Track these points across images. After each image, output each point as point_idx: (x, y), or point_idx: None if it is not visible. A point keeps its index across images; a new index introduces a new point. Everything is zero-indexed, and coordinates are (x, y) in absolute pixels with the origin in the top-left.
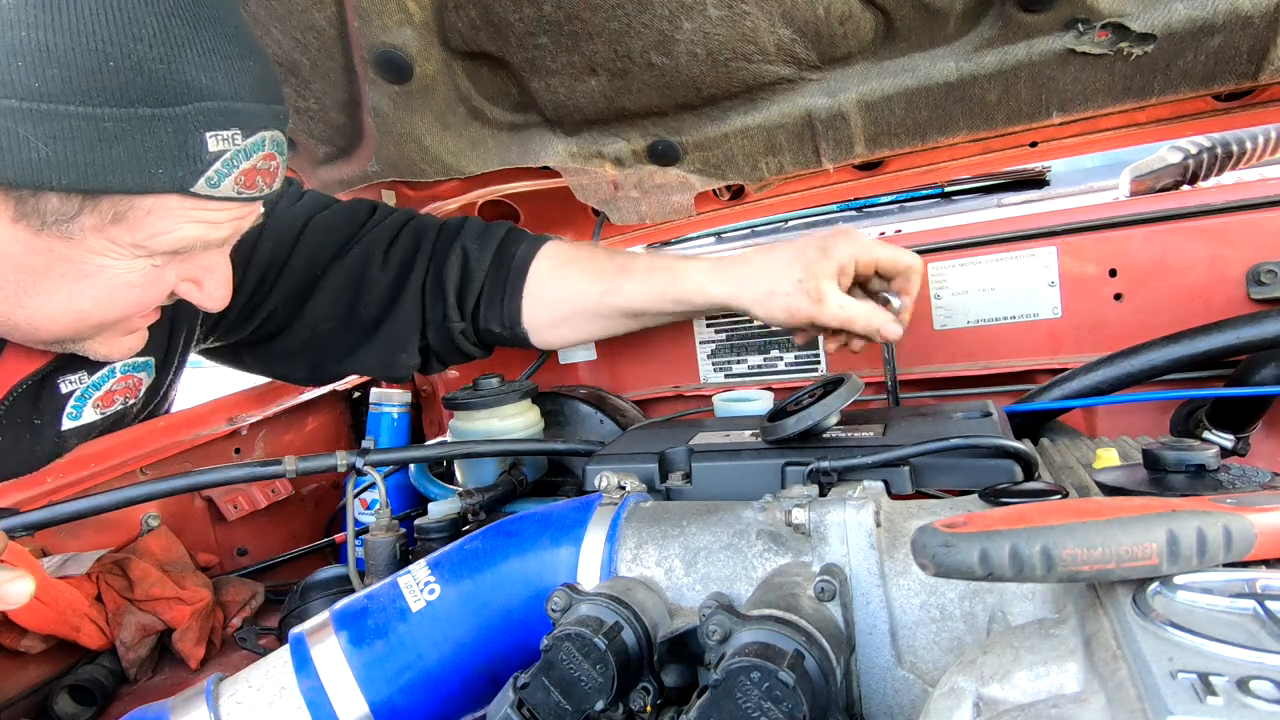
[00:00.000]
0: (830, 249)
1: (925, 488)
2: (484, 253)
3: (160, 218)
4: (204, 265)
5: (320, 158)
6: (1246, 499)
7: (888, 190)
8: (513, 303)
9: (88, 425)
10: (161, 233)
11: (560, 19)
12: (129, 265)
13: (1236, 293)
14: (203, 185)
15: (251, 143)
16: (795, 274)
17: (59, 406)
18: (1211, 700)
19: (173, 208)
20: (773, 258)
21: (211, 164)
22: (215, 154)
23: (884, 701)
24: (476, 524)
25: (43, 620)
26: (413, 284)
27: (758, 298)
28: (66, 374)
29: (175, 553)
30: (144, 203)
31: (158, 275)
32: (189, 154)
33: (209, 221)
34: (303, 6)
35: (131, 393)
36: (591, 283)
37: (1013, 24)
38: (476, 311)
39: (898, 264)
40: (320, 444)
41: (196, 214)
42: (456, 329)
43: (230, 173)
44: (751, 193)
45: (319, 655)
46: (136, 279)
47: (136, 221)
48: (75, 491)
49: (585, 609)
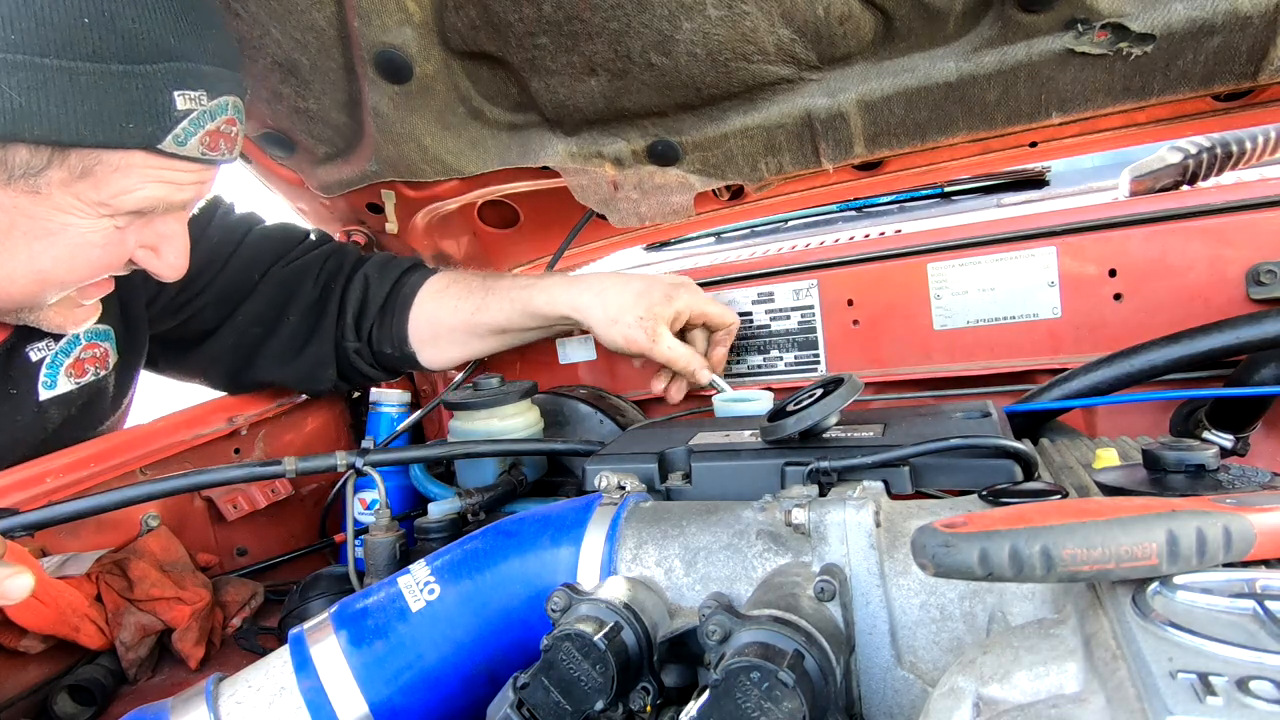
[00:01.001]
0: (673, 297)
1: (925, 488)
2: (383, 280)
3: (126, 175)
4: (162, 232)
5: (320, 158)
6: (1246, 499)
7: (887, 190)
8: (400, 323)
9: (64, 395)
10: (126, 191)
11: (560, 19)
12: (92, 225)
13: (1236, 293)
14: (170, 143)
15: (216, 104)
16: (639, 311)
17: (32, 375)
18: (1211, 700)
19: (138, 165)
20: (623, 290)
21: (179, 122)
22: (183, 112)
23: (884, 701)
24: (476, 524)
25: (42, 620)
26: (331, 304)
27: (602, 321)
28: (33, 342)
29: (175, 553)
30: (112, 158)
31: (119, 238)
32: (158, 111)
33: (173, 182)
34: (303, 6)
35: (101, 363)
36: (464, 300)
37: (1012, 24)
38: (372, 333)
39: (723, 319)
40: (320, 444)
41: (161, 173)
42: (351, 348)
43: (196, 132)
44: (751, 193)
45: (319, 655)
46: (98, 239)
47: (103, 178)
48: (75, 491)
49: (585, 609)
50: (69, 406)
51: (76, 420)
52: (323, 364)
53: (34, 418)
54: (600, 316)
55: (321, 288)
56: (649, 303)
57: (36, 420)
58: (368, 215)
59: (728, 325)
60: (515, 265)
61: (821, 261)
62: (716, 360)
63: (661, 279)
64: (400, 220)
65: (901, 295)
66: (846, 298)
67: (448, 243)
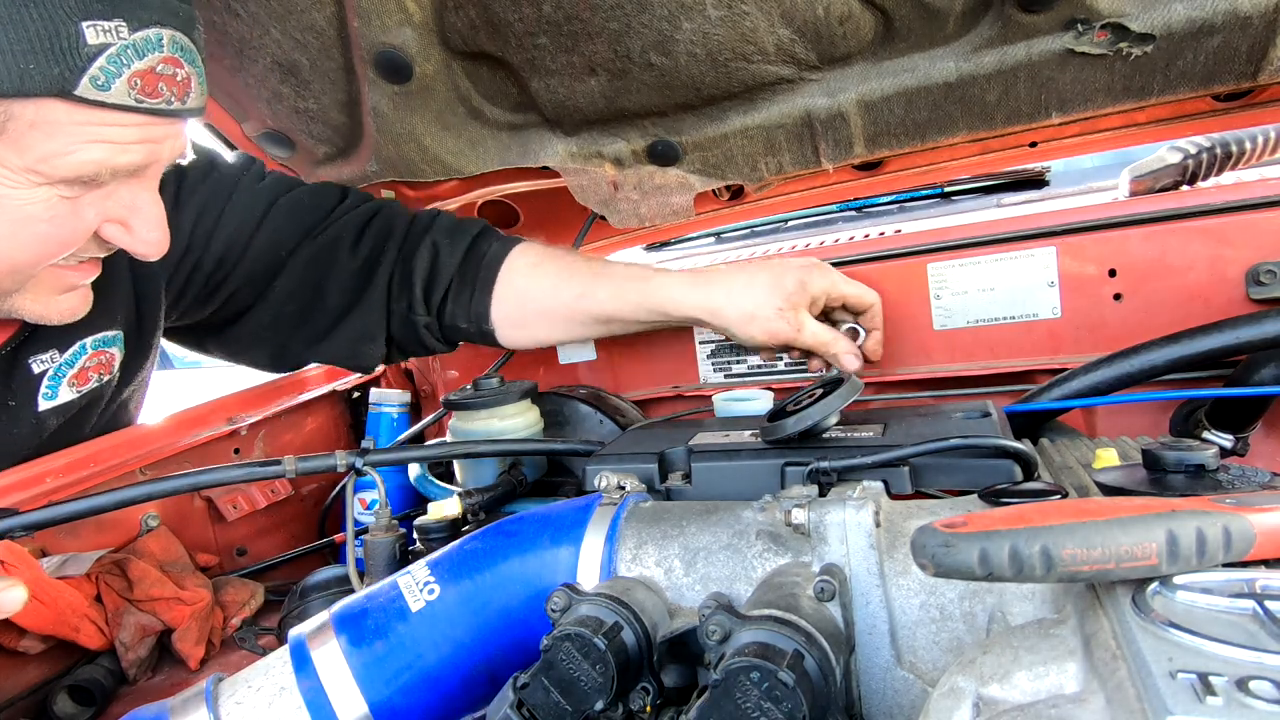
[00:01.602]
0: (808, 283)
1: (925, 488)
2: (455, 248)
3: (50, 134)
4: (128, 203)
5: (320, 158)
6: (1246, 499)
7: (887, 190)
8: (482, 299)
9: (64, 404)
10: (56, 154)
11: (560, 19)
12: (28, 195)
13: (1236, 293)
14: (87, 86)
15: (141, 38)
16: (777, 302)
17: (32, 388)
18: (1211, 700)
19: (61, 121)
20: (753, 282)
21: (93, 60)
22: (96, 47)
23: (884, 701)
24: (476, 524)
25: (42, 620)
26: (381, 273)
27: (739, 319)
28: (36, 353)
29: (175, 553)
30: (24, 110)
31: (70, 210)
32: (62, 46)
33: (110, 140)
34: (303, 6)
35: (105, 369)
36: (565, 284)
37: (1012, 24)
38: (443, 306)
39: (863, 300)
40: (319, 444)
41: (92, 129)
42: (421, 323)
43: (120, 73)
44: (751, 193)
45: (318, 656)
46: (41, 212)
47: (20, 135)
48: (75, 491)
49: (585, 609)
50: (67, 413)
51: (73, 423)
52: (367, 338)
53: (31, 427)
54: (736, 316)
55: (364, 258)
56: (785, 291)
57: (33, 429)
58: None
59: (869, 304)
60: None
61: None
62: (872, 347)
63: (790, 263)
64: None
65: (901, 295)
66: None
67: None
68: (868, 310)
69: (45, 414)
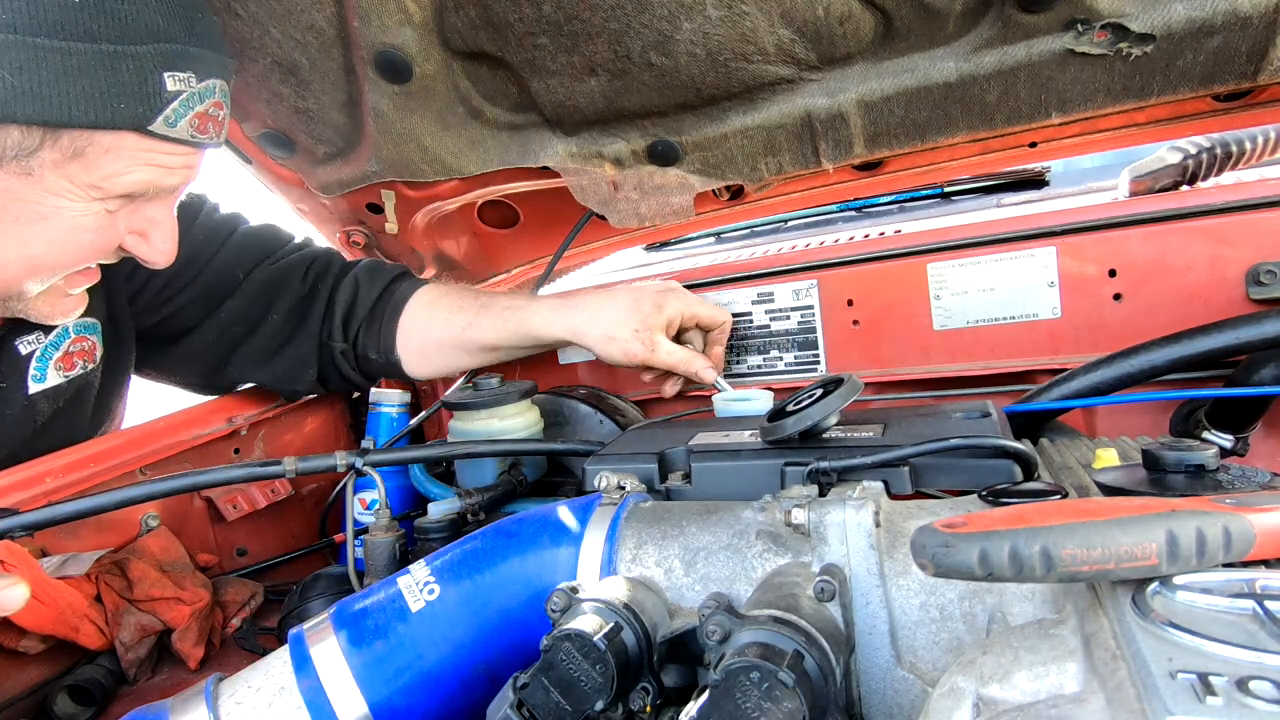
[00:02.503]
0: (663, 305)
1: (925, 488)
2: (373, 285)
3: (118, 157)
4: (151, 218)
5: (320, 158)
6: (1246, 499)
7: (887, 190)
8: (389, 331)
9: (54, 389)
10: (118, 174)
11: (560, 19)
12: (84, 208)
13: (1236, 293)
14: (161, 124)
15: (204, 87)
16: (633, 324)
17: (21, 369)
18: (1211, 700)
19: (130, 147)
20: (613, 306)
21: (169, 103)
22: (173, 94)
23: (884, 701)
24: (476, 524)
25: (42, 620)
26: (318, 304)
27: (599, 339)
28: (23, 335)
29: (175, 553)
30: (104, 139)
31: (110, 222)
32: (148, 91)
33: (163, 165)
34: (303, 6)
35: (89, 356)
36: (456, 316)
37: (1012, 24)
38: (358, 337)
39: (714, 319)
40: (319, 444)
41: (151, 155)
42: (337, 349)
43: (186, 114)
44: (751, 193)
45: (318, 655)
46: (90, 223)
47: (95, 159)
48: (75, 491)
49: (585, 609)
50: (57, 399)
51: (64, 413)
52: (303, 364)
53: (23, 411)
54: (597, 336)
55: (309, 287)
56: (641, 315)
57: (25, 414)
58: (368, 215)
59: (720, 324)
60: (515, 265)
61: (821, 261)
62: (715, 359)
63: (648, 289)
64: (400, 220)
65: (901, 295)
66: (846, 298)
67: (447, 243)
68: (718, 328)
69: (36, 397)
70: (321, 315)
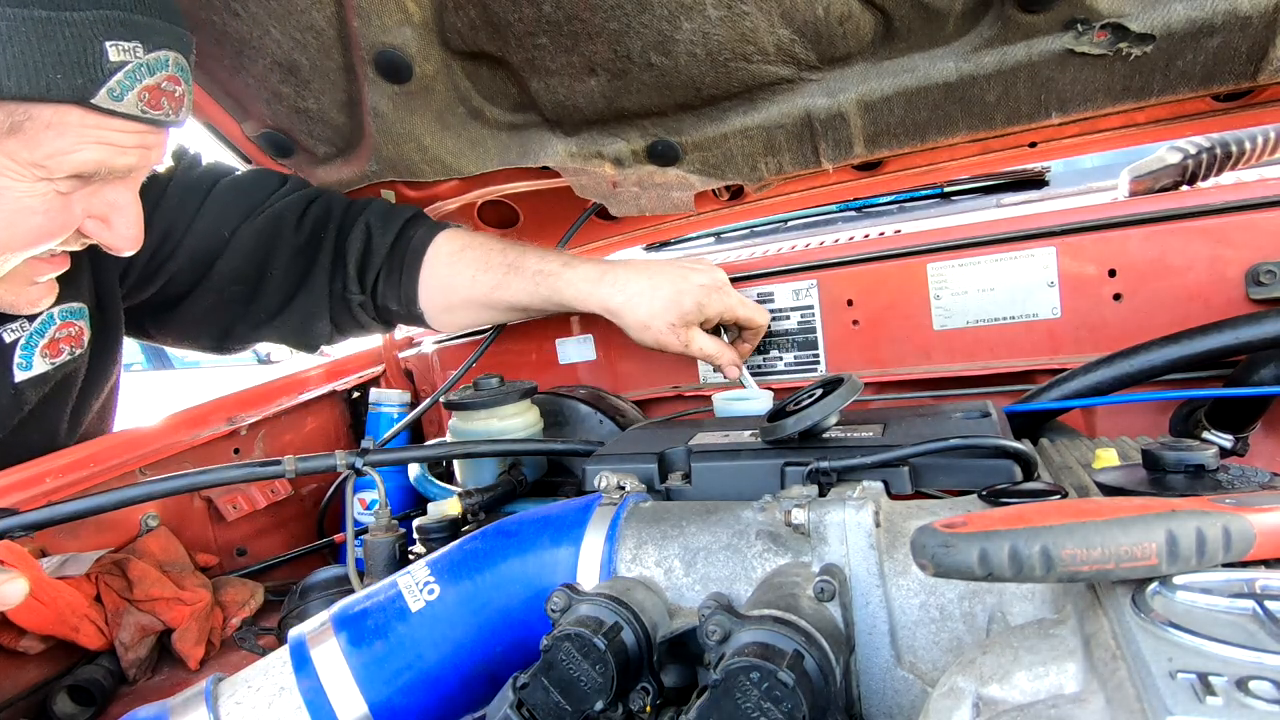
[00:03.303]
0: (706, 305)
1: (925, 488)
2: (386, 231)
3: (61, 133)
4: (111, 201)
5: (320, 158)
6: (1245, 499)
7: (887, 190)
8: (410, 283)
9: (40, 376)
10: (62, 152)
11: (560, 19)
12: (29, 188)
13: (1236, 293)
14: (104, 96)
15: (154, 58)
16: (670, 318)
17: (6, 358)
18: (1211, 700)
19: (74, 123)
20: (654, 294)
21: (113, 74)
22: (116, 64)
23: (883, 701)
24: (476, 524)
25: (42, 621)
26: (324, 253)
27: (635, 325)
28: (6, 323)
29: (174, 553)
30: (43, 113)
31: (62, 205)
32: (88, 61)
33: (112, 144)
34: (303, 6)
35: (76, 342)
36: (483, 274)
37: (1012, 24)
38: (376, 286)
39: (754, 321)
40: (319, 444)
41: (99, 132)
42: (355, 301)
43: (133, 86)
44: (751, 193)
45: (318, 656)
46: (38, 204)
47: (35, 135)
48: (75, 491)
49: (585, 609)
50: (44, 386)
51: (51, 399)
52: (314, 316)
53: (10, 400)
54: (632, 320)
55: (307, 235)
56: (680, 311)
57: (13, 402)
58: None
59: (758, 326)
60: None
61: (821, 261)
62: (742, 354)
63: (693, 280)
64: None
65: (901, 295)
66: (846, 298)
67: None
68: (755, 329)
69: (22, 385)
70: (329, 265)
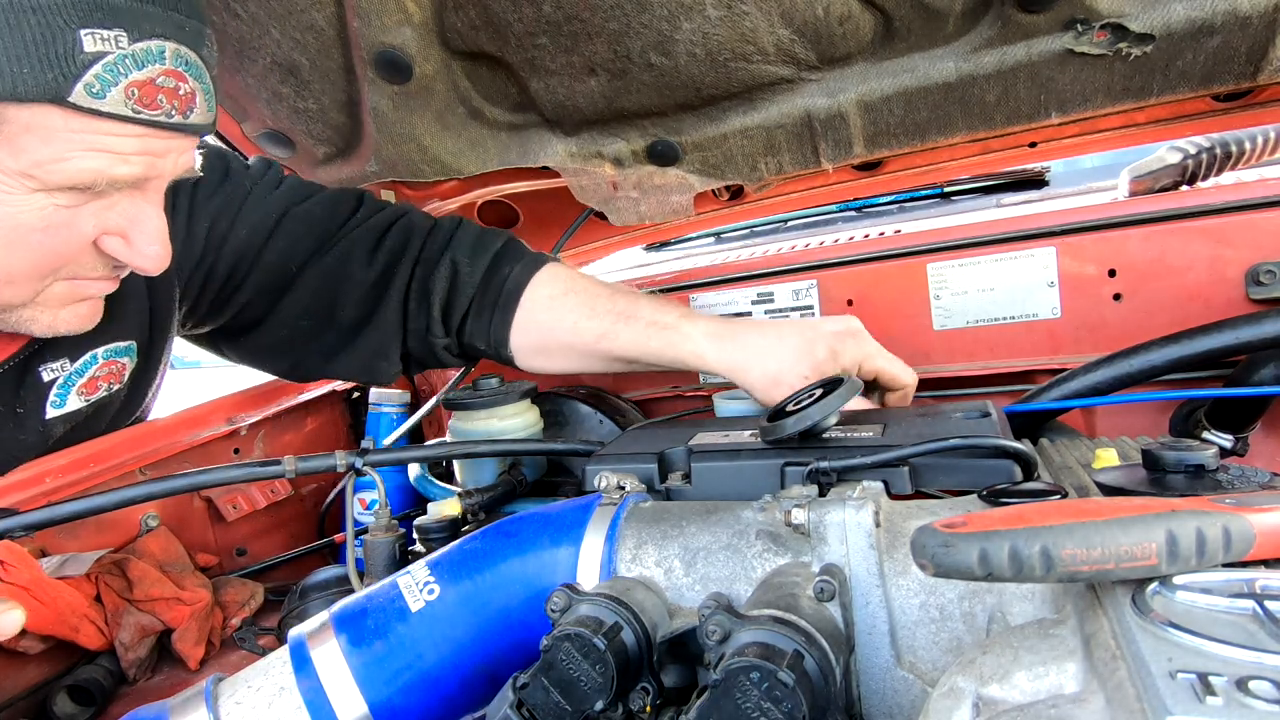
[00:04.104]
0: (840, 352)
1: (925, 488)
2: (475, 267)
3: (45, 139)
4: (128, 214)
5: (320, 158)
6: (1246, 499)
7: (887, 190)
8: (502, 325)
9: (72, 413)
10: (51, 160)
11: (560, 19)
12: (23, 201)
13: (1235, 293)
14: (82, 93)
15: (142, 48)
16: (803, 370)
17: (41, 395)
18: (1211, 700)
19: (57, 127)
20: (781, 346)
21: (88, 67)
22: (93, 55)
23: (883, 701)
24: (476, 524)
25: (42, 621)
26: (396, 288)
27: (762, 382)
28: (47, 361)
29: (174, 553)
30: (19, 115)
31: (67, 220)
32: (58, 52)
33: (108, 150)
34: (302, 6)
35: (115, 379)
36: (587, 322)
37: (1012, 24)
38: (462, 327)
39: (898, 379)
40: (319, 444)
41: (89, 137)
42: (439, 344)
43: (117, 81)
44: (751, 193)
45: (318, 656)
46: (35, 220)
47: (15, 139)
48: (75, 491)
49: (584, 609)
50: (73, 420)
51: (79, 429)
52: (380, 354)
53: (37, 436)
54: (759, 379)
55: (379, 271)
56: (813, 360)
57: (39, 437)
58: None
59: (904, 387)
60: None
61: (821, 261)
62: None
63: (824, 328)
64: None
65: (901, 295)
66: (846, 298)
67: None
68: (901, 391)
69: (52, 421)
70: (401, 304)
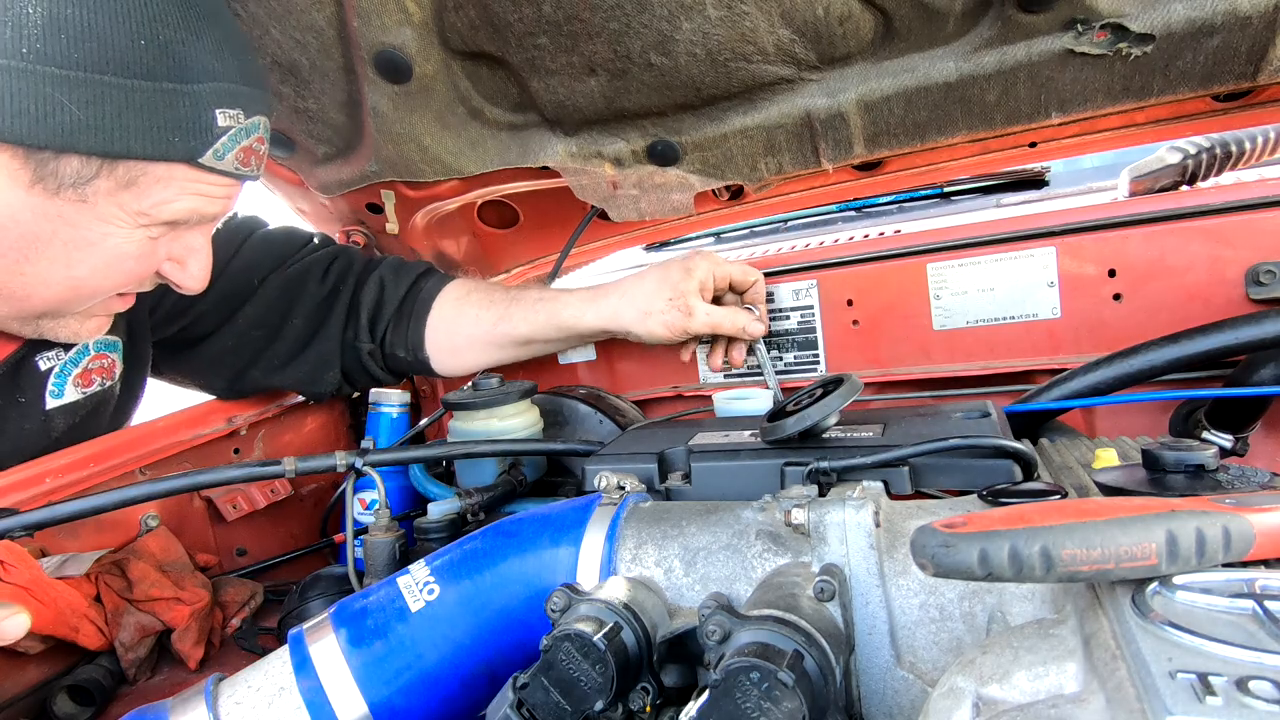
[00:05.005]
0: (692, 269)
1: (925, 488)
2: (398, 283)
3: (167, 186)
4: (190, 245)
5: (320, 158)
6: (1245, 499)
7: (887, 190)
8: (417, 329)
9: (71, 404)
10: (165, 201)
11: (560, 19)
12: (129, 235)
13: (1235, 293)
14: (210, 156)
15: (250, 123)
16: (666, 294)
17: (40, 384)
18: (1210, 700)
19: (180, 178)
20: (642, 283)
21: (219, 137)
22: (223, 129)
23: (883, 701)
24: (476, 524)
25: (42, 621)
26: (340, 304)
27: (636, 319)
28: (43, 351)
29: (174, 553)
30: (157, 170)
31: (151, 249)
32: (201, 127)
33: (206, 195)
34: (302, 6)
35: (108, 374)
36: (486, 311)
37: (1012, 24)
38: (385, 336)
39: (746, 277)
40: (319, 444)
41: (198, 185)
42: (364, 350)
43: (233, 148)
44: (751, 193)
45: (318, 655)
46: (133, 249)
47: (146, 189)
48: (75, 491)
49: (584, 609)
50: (74, 415)
51: (79, 428)
52: (325, 365)
53: (39, 426)
54: (632, 316)
55: (329, 288)
56: (671, 283)
57: (41, 428)
58: (367, 215)
59: (752, 282)
60: (515, 265)
61: (821, 261)
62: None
63: (673, 261)
64: (400, 220)
65: (901, 295)
66: (846, 298)
67: (447, 243)
68: (752, 287)
69: (52, 412)
70: (344, 316)
